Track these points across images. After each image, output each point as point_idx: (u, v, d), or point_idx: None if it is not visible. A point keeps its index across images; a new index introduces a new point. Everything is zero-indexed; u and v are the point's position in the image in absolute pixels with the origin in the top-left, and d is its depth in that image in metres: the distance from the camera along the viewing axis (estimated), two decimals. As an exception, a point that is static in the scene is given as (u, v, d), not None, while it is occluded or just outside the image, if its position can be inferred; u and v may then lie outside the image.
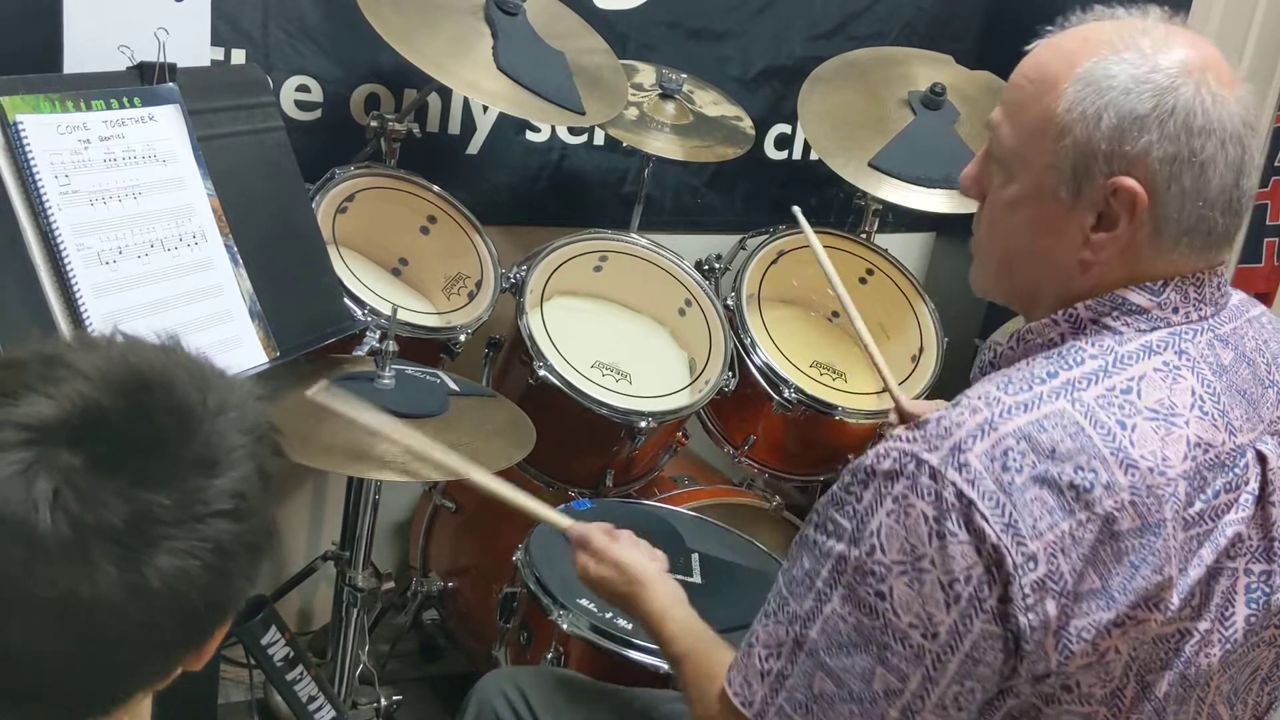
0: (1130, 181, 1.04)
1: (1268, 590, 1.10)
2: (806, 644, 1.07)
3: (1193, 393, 1.06)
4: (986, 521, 0.98)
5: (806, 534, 1.10)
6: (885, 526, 1.02)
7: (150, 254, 1.54)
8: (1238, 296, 1.19)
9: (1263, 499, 1.08)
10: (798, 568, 1.09)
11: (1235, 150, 1.06)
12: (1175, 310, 1.09)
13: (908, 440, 1.04)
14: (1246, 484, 1.07)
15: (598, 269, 2.34)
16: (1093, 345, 1.08)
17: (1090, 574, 1.00)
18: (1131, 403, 1.04)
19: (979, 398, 1.05)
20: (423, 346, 2.02)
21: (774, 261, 2.44)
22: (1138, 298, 1.09)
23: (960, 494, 0.99)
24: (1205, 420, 1.06)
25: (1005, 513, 0.99)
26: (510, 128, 2.46)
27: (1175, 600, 1.03)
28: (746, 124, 2.44)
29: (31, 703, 0.81)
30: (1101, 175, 1.05)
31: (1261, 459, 1.08)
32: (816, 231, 2.50)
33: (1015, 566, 0.98)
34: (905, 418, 1.75)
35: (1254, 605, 1.10)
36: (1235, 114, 1.05)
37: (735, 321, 2.30)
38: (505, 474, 1.84)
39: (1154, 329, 1.08)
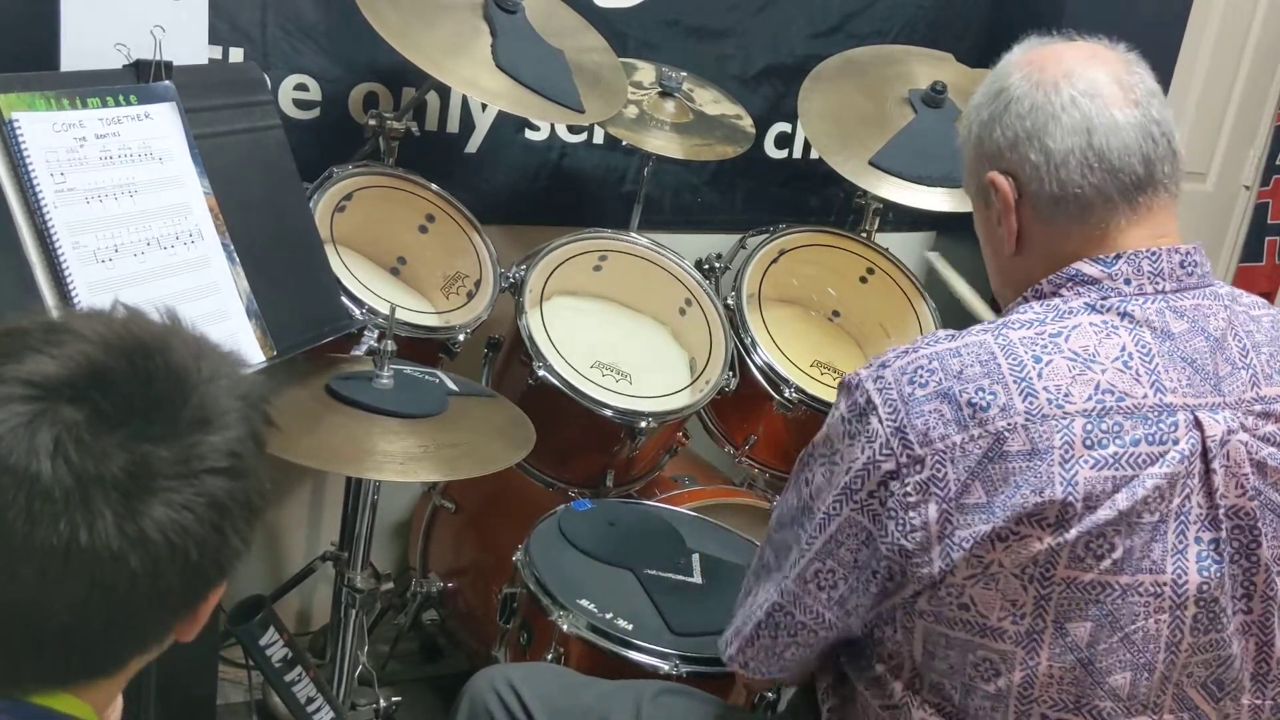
0: (994, 174, 1.23)
1: (1218, 559, 1.13)
2: (769, 524, 1.30)
3: (1122, 349, 1.14)
4: (881, 423, 1.13)
5: None
6: (826, 427, 1.21)
7: (146, 252, 1.53)
8: (1230, 289, 1.24)
9: (1207, 468, 1.13)
10: None
11: (1071, 116, 1.18)
12: (1128, 281, 1.18)
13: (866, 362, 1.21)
14: (1175, 443, 1.11)
15: (597, 268, 2.33)
16: (1040, 305, 1.20)
17: (976, 487, 1.10)
18: (1056, 344, 1.14)
19: (924, 335, 1.21)
20: (421, 346, 2.01)
21: (774, 261, 2.43)
22: (1089, 269, 1.19)
23: (869, 400, 1.15)
24: (1126, 373, 1.13)
25: (898, 419, 1.13)
26: (509, 126, 2.45)
27: (1074, 533, 1.09)
28: (746, 122, 2.43)
29: (30, 657, 0.84)
30: (983, 179, 1.24)
31: (1199, 425, 1.13)
32: (816, 230, 2.51)
33: (899, 466, 1.12)
34: None
35: (1206, 574, 1.13)
36: (1068, 87, 1.19)
37: (736, 321, 2.30)
38: (505, 473, 1.84)
39: (1104, 298, 1.17)
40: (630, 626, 1.71)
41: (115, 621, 0.84)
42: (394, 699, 2.03)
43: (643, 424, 2.08)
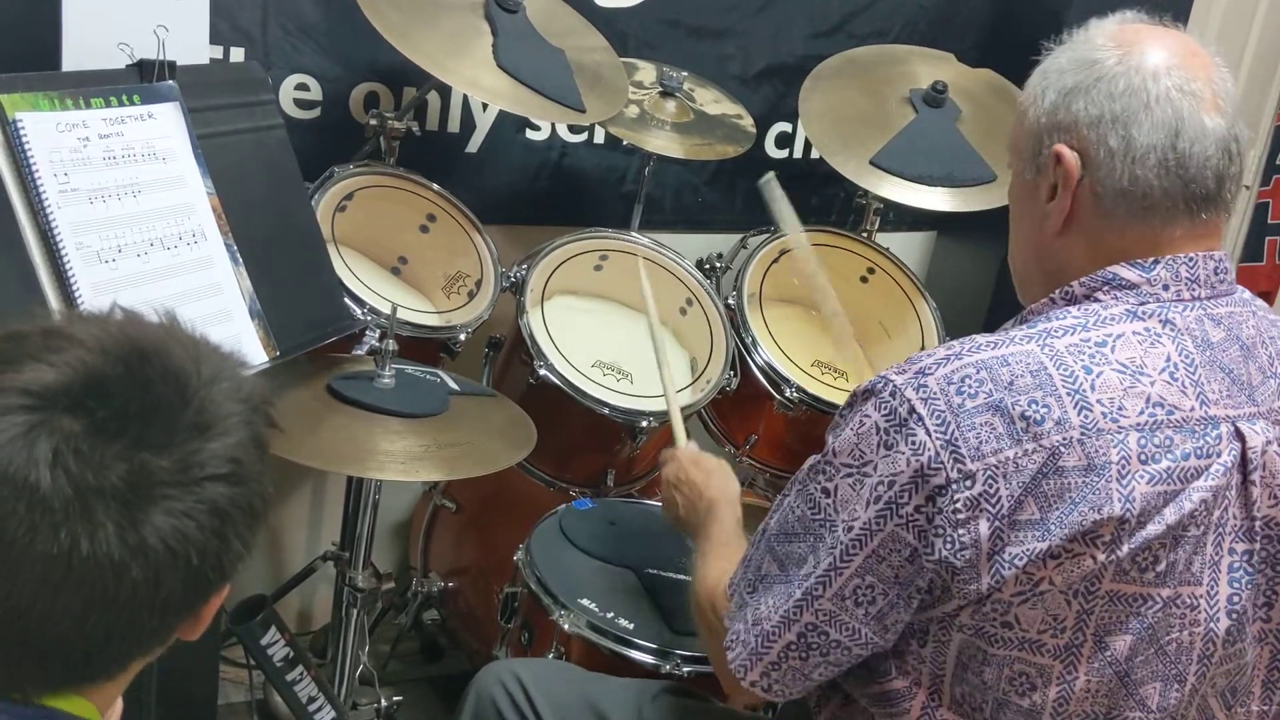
0: (1062, 147, 1.15)
1: (1250, 570, 1.13)
2: (766, 531, 1.22)
3: (1167, 359, 1.11)
4: (929, 435, 1.07)
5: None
6: (847, 435, 1.13)
7: (150, 252, 1.53)
8: (1247, 293, 1.22)
9: (1245, 479, 1.11)
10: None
11: (1166, 110, 1.12)
12: (1165, 287, 1.14)
13: (890, 368, 1.14)
14: (1219, 455, 1.09)
15: (598, 268, 2.33)
16: (1078, 309, 1.15)
17: (1029, 503, 1.06)
18: (1103, 355, 1.10)
19: (958, 341, 1.14)
20: (422, 346, 2.02)
21: (775, 260, 2.43)
22: (1128, 273, 1.15)
23: (912, 409, 1.08)
24: (1173, 385, 1.10)
25: (948, 430, 1.07)
26: (510, 126, 2.45)
27: (1125, 549, 1.06)
28: (747, 122, 2.43)
29: (34, 661, 0.84)
30: (1046, 148, 1.17)
31: (1240, 437, 1.11)
32: (817, 230, 2.51)
33: (949, 481, 1.06)
34: None
35: (1237, 585, 1.12)
36: (1167, 80, 1.12)
37: (736, 321, 2.30)
38: (506, 473, 1.84)
39: (1143, 303, 1.13)
40: (631, 626, 1.72)
41: (117, 628, 0.84)
42: (395, 698, 2.03)
43: (643, 423, 2.08)
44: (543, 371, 2.05)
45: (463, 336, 2.06)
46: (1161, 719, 1.13)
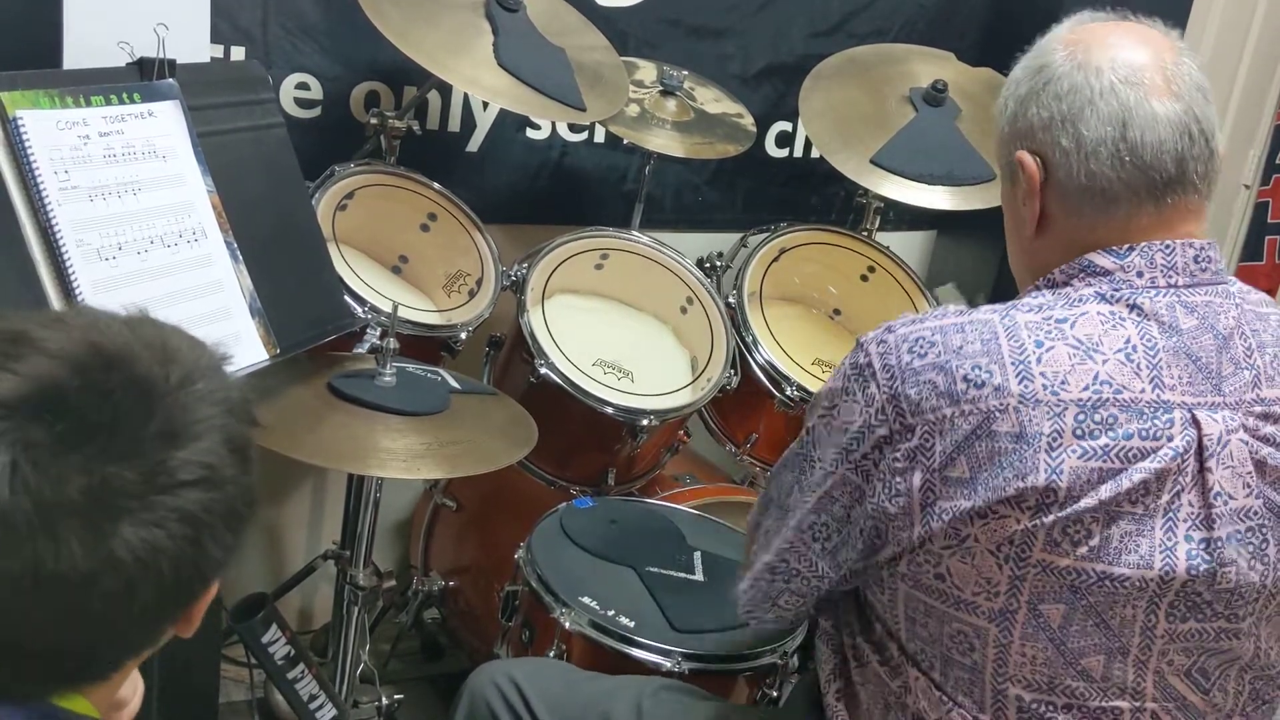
0: (1023, 154, 1.21)
1: (1208, 558, 1.13)
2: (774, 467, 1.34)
3: (1126, 340, 1.13)
4: (878, 387, 1.16)
5: None
6: (827, 386, 1.24)
7: (150, 250, 1.53)
8: (1240, 286, 1.23)
9: (1201, 467, 1.12)
10: None
11: (1109, 103, 1.15)
12: (1140, 274, 1.17)
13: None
14: (1169, 440, 1.11)
15: (599, 267, 2.34)
16: (1052, 292, 1.19)
17: (960, 461, 1.11)
18: (1060, 330, 1.13)
19: (939, 308, 1.21)
20: (423, 344, 2.01)
21: (775, 259, 2.43)
22: (1102, 260, 1.18)
23: (869, 363, 1.17)
24: (1126, 366, 1.12)
25: (894, 386, 1.15)
26: (510, 125, 2.45)
27: (1050, 517, 1.09)
28: (747, 121, 2.43)
29: (20, 664, 0.83)
30: (1012, 156, 1.23)
31: (1196, 424, 1.12)
32: (817, 229, 2.51)
33: (892, 433, 1.14)
34: None
35: (1194, 571, 1.13)
36: (1111, 73, 1.16)
37: (737, 319, 2.30)
38: (506, 471, 1.84)
39: (1115, 289, 1.16)
40: (632, 624, 1.72)
41: (97, 637, 0.83)
42: (396, 697, 2.03)
43: (644, 422, 2.08)
44: (543, 370, 2.06)
45: (463, 335, 2.06)
46: (1108, 690, 1.16)
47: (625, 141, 2.37)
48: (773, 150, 2.75)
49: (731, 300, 2.32)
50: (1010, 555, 1.12)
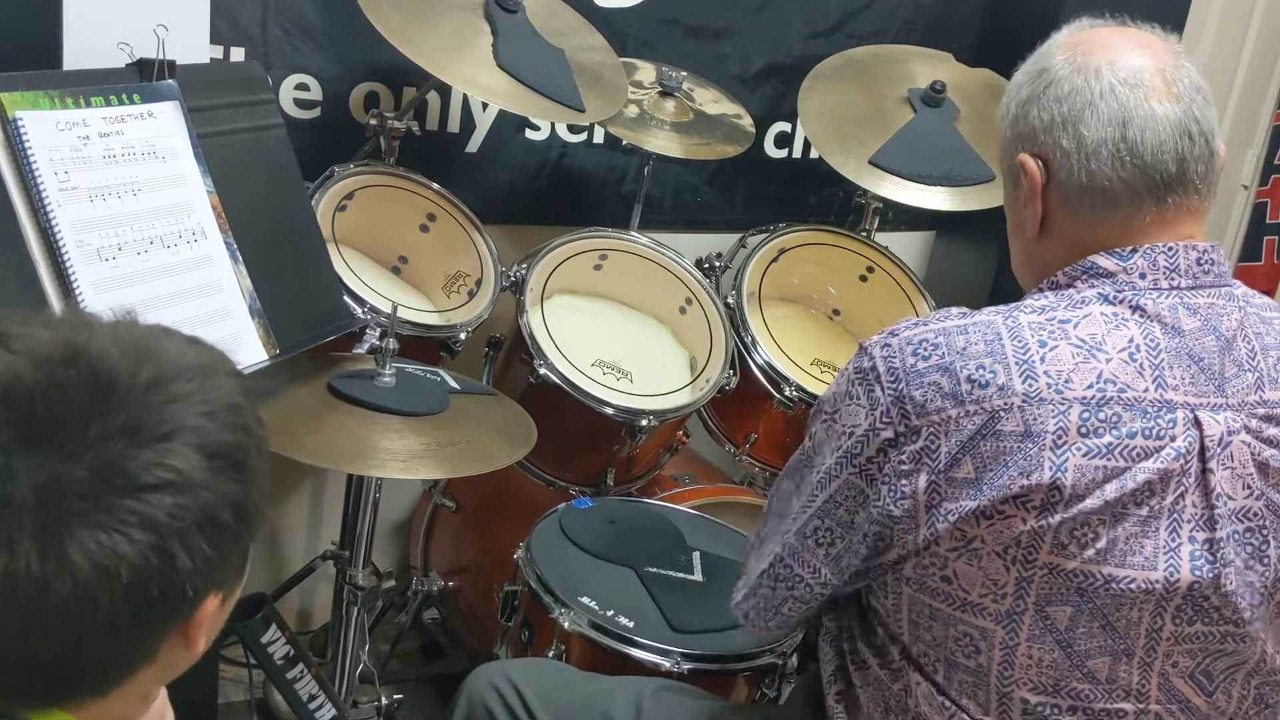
0: (1025, 156, 1.22)
1: (1211, 559, 1.13)
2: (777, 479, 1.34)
3: (1130, 340, 1.14)
4: (883, 391, 1.15)
5: None
6: (834, 384, 1.23)
7: (150, 251, 1.53)
8: (1245, 290, 1.23)
9: (1204, 468, 1.12)
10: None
11: (1109, 104, 1.17)
12: (1142, 275, 1.17)
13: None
14: (1172, 440, 1.11)
15: (598, 267, 2.34)
16: (1055, 294, 1.20)
17: (966, 462, 1.11)
18: (1063, 330, 1.14)
19: (941, 310, 1.21)
20: (423, 345, 2.02)
21: (774, 259, 2.44)
22: (1105, 262, 1.18)
23: (874, 367, 1.17)
24: (1130, 365, 1.12)
25: (899, 388, 1.14)
26: (510, 126, 2.45)
27: (1057, 517, 1.10)
28: (746, 122, 2.44)
29: None
30: (1014, 160, 1.24)
31: (1198, 424, 1.12)
32: (816, 229, 2.51)
33: (897, 435, 1.14)
34: None
35: (1199, 573, 1.13)
36: (1110, 74, 1.17)
37: (736, 319, 2.30)
38: (506, 472, 1.85)
39: (1118, 291, 1.17)
40: (631, 624, 1.72)
41: (64, 647, 0.79)
42: (395, 697, 2.04)
43: (643, 422, 2.08)
44: (543, 370, 2.06)
45: (463, 335, 2.06)
46: (1113, 692, 1.16)
47: (624, 142, 2.37)
48: (772, 151, 2.75)
49: (730, 301, 2.32)
50: (1017, 557, 1.12)
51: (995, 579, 1.13)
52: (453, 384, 1.87)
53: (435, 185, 2.19)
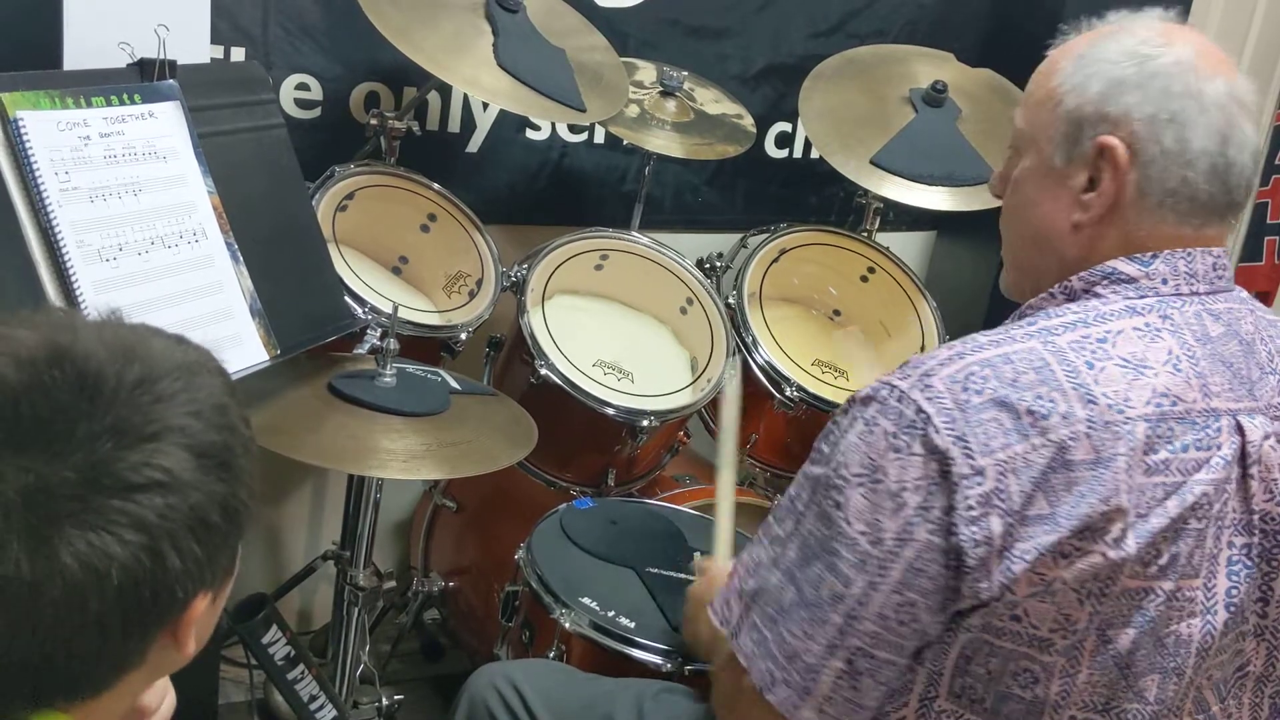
0: (1112, 139, 1.13)
1: (1249, 564, 1.13)
2: (782, 562, 1.15)
3: (1169, 352, 1.11)
4: (938, 433, 1.05)
5: (803, 467, 1.18)
6: (853, 445, 1.10)
7: (150, 251, 1.53)
8: (1244, 293, 1.22)
9: (1244, 473, 1.11)
10: (785, 496, 1.18)
11: (1218, 116, 1.12)
12: (1164, 281, 1.15)
13: (889, 374, 1.12)
14: (1219, 448, 1.09)
15: (598, 267, 2.34)
16: (1077, 305, 1.15)
17: (1039, 498, 1.05)
18: (1105, 350, 1.10)
19: (959, 341, 1.14)
20: (423, 345, 2.02)
21: (775, 260, 2.43)
22: (1127, 267, 1.15)
23: (919, 410, 1.07)
24: (1178, 376, 1.10)
25: (957, 427, 1.05)
26: (510, 126, 2.45)
27: (1132, 543, 1.06)
28: (747, 122, 2.43)
29: None
30: (1089, 137, 1.15)
31: (1240, 430, 1.11)
32: (817, 230, 2.51)
33: (961, 478, 1.04)
34: None
35: (1235, 578, 1.12)
36: (1219, 85, 1.13)
37: (737, 320, 2.30)
38: (507, 472, 1.84)
39: (1142, 297, 1.14)
40: (632, 624, 1.72)
41: (53, 650, 0.79)
42: (396, 697, 2.04)
43: (644, 423, 2.08)
44: (544, 371, 2.06)
45: (464, 336, 2.06)
46: (1159, 710, 1.13)
47: (625, 142, 2.37)
48: (772, 151, 2.75)
49: (731, 301, 2.32)
50: (1093, 590, 1.07)
51: (1068, 614, 1.07)
52: (453, 384, 1.87)
53: (436, 185, 2.19)
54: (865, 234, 2.55)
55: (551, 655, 1.72)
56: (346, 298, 1.89)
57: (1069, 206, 1.17)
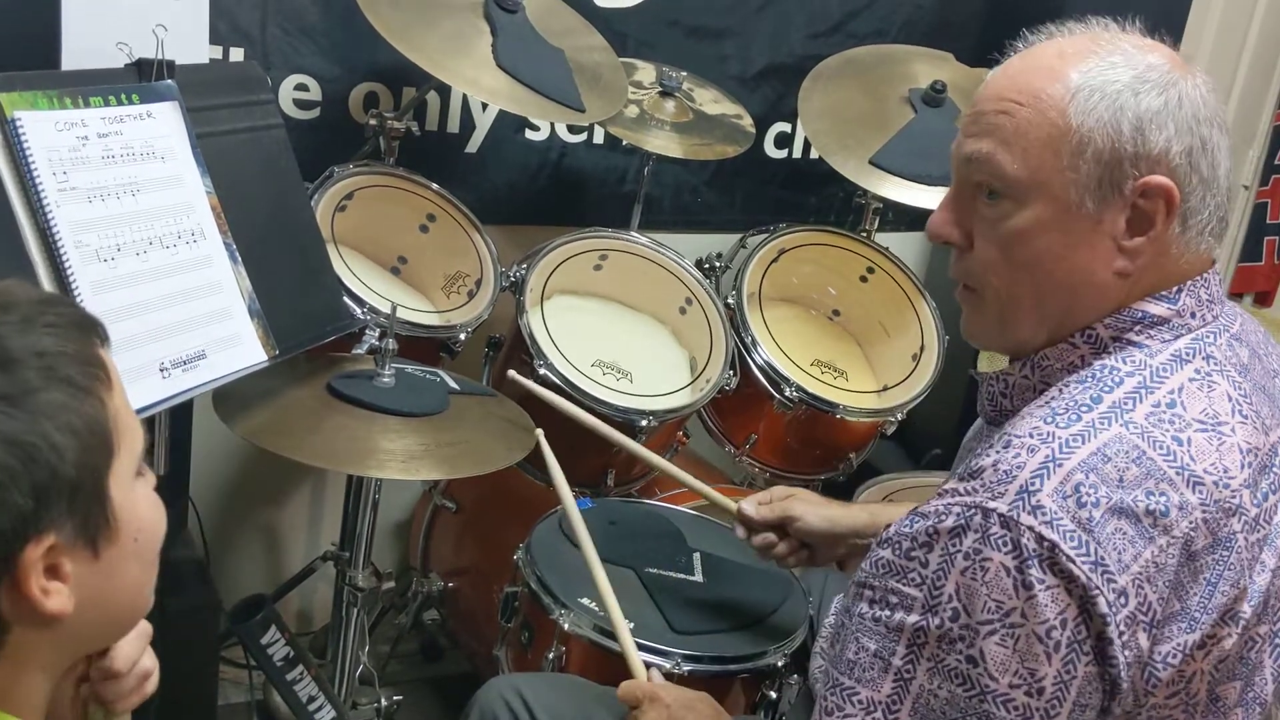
0: (1160, 179, 1.05)
1: None
2: None
3: (1229, 398, 1.07)
4: (1073, 562, 0.96)
5: (860, 611, 1.06)
6: (963, 586, 0.99)
7: (148, 251, 1.53)
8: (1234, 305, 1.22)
9: None
10: (858, 652, 1.05)
11: (1225, 136, 1.09)
12: (1193, 315, 1.11)
13: (966, 492, 1.01)
14: None
15: (598, 268, 2.34)
16: (1125, 363, 1.08)
17: (1173, 598, 1.00)
18: (1179, 416, 1.04)
19: (1030, 435, 1.03)
20: (422, 345, 2.02)
21: (775, 260, 2.43)
22: (1157, 309, 1.09)
23: (1040, 538, 0.97)
24: (1247, 424, 1.06)
25: (1090, 550, 0.97)
26: (509, 126, 2.45)
27: (1248, 610, 1.03)
28: (746, 122, 2.43)
29: None
30: (1130, 178, 1.06)
31: None
32: (816, 230, 2.51)
33: (1109, 605, 0.97)
34: (750, 524, 1.68)
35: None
36: (1216, 103, 1.08)
37: (736, 320, 2.30)
38: (505, 473, 1.84)
39: (1177, 337, 1.09)
40: (632, 625, 1.71)
41: None
42: (395, 698, 2.03)
43: (643, 423, 2.08)
44: (543, 371, 2.05)
45: (462, 336, 2.06)
46: None
47: (624, 142, 2.36)
48: (772, 151, 2.75)
49: (730, 301, 2.32)
50: (1224, 669, 1.06)
51: (1193, 691, 1.05)
52: (452, 384, 1.87)
53: (435, 186, 2.19)
54: (865, 234, 2.55)
55: (550, 656, 1.72)
56: (345, 298, 1.89)
57: (1109, 254, 1.08)
